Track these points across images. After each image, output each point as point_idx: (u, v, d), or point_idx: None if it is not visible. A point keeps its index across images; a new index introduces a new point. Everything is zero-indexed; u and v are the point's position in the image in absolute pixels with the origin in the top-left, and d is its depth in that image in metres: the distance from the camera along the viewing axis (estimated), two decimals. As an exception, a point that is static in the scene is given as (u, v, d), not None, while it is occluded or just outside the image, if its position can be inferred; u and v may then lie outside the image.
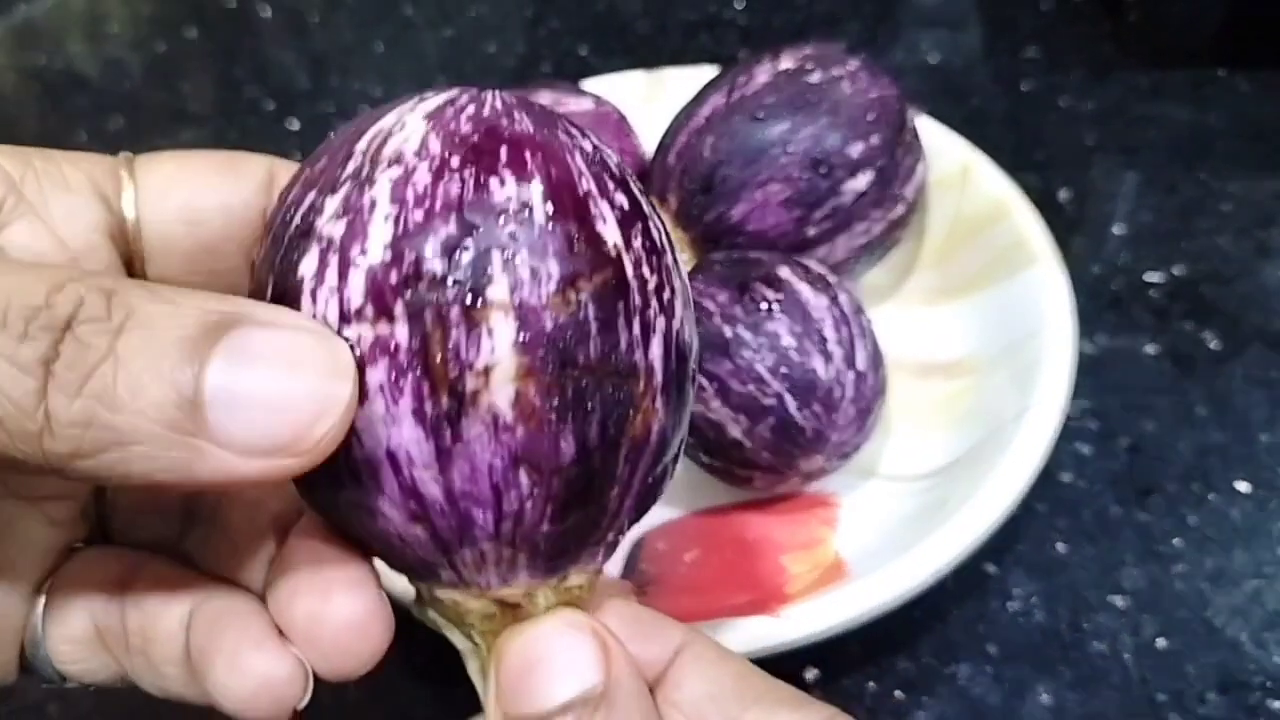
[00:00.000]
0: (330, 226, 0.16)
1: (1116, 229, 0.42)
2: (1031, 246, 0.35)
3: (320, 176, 0.17)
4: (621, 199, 0.17)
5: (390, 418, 0.15)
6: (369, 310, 0.15)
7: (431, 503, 0.16)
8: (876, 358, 0.31)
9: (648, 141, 0.37)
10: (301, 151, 0.52)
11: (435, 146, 0.16)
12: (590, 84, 0.42)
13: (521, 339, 0.15)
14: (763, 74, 0.34)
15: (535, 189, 0.16)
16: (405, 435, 0.15)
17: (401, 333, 0.15)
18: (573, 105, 0.37)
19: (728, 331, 0.30)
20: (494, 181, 0.15)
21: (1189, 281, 0.40)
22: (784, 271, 0.31)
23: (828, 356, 0.30)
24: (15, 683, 0.32)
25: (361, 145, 0.16)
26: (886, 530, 0.32)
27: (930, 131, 0.38)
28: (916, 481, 0.33)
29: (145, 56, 0.60)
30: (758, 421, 0.29)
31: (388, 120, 0.17)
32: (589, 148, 0.17)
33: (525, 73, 0.54)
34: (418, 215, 0.15)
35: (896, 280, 0.38)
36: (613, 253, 0.16)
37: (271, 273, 0.16)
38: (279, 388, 0.14)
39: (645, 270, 0.16)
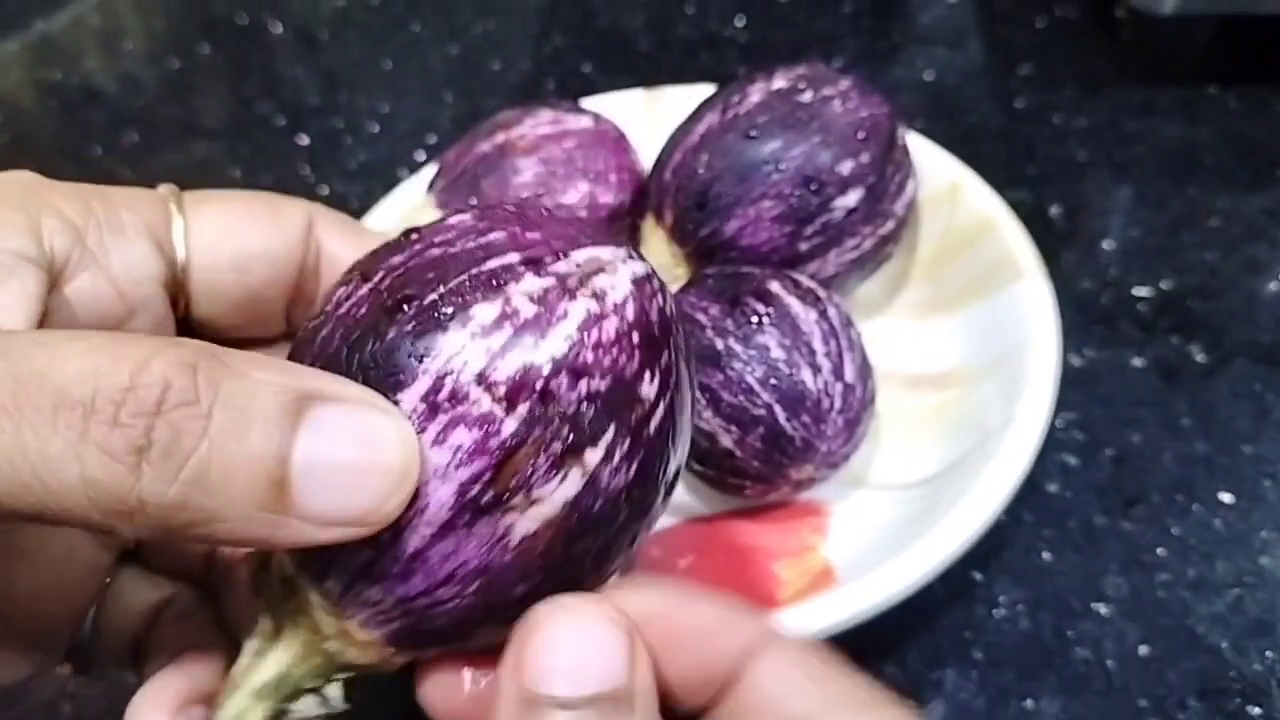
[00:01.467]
0: (516, 302, 0.17)
1: (1106, 244, 0.43)
2: (1019, 261, 0.36)
3: (450, 261, 0.17)
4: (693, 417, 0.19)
5: (442, 472, 0.16)
6: (503, 389, 0.16)
7: (399, 546, 0.16)
8: (865, 370, 0.32)
9: (647, 157, 0.38)
10: (311, 165, 0.53)
11: (630, 313, 0.17)
12: (591, 102, 0.43)
13: (574, 499, 0.17)
14: (756, 93, 0.35)
15: (660, 406, 0.18)
16: (440, 492, 0.16)
17: (510, 426, 0.16)
18: (572, 124, 0.38)
19: (719, 344, 0.31)
20: (645, 377, 0.17)
21: (1176, 295, 0.41)
22: (774, 286, 0.32)
23: (816, 368, 0.30)
24: (28, 683, 0.33)
25: (543, 257, 0.17)
26: (875, 538, 0.32)
27: (921, 149, 0.39)
28: (905, 490, 0.34)
29: (159, 72, 0.61)
30: (748, 431, 0.30)
31: (602, 254, 0.18)
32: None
33: (530, 89, 0.56)
34: (587, 356, 0.17)
35: (888, 294, 0.39)
36: (669, 483, 0.18)
37: (375, 338, 0.16)
38: (358, 466, 0.15)
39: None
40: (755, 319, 0.31)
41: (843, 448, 0.31)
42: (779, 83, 0.35)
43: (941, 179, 0.39)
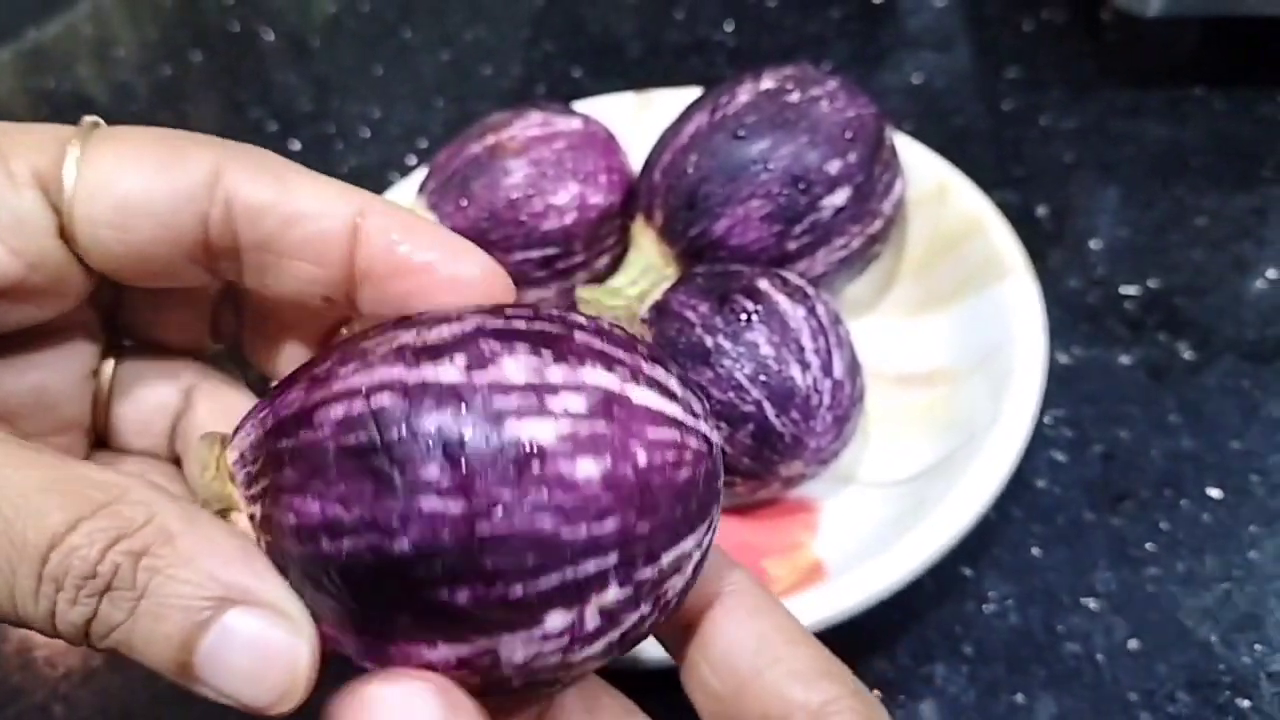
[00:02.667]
0: (587, 614, 0.17)
1: (1094, 243, 0.43)
2: (1006, 260, 0.36)
3: (548, 547, 0.16)
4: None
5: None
6: (528, 675, 0.17)
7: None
8: (854, 367, 0.32)
9: (637, 159, 0.39)
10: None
11: (669, 609, 0.18)
12: (581, 105, 0.43)
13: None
14: (744, 94, 0.35)
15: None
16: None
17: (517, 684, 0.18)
18: (562, 125, 0.38)
19: (708, 341, 0.31)
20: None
21: (1164, 294, 0.41)
22: (763, 284, 0.32)
23: (805, 365, 0.31)
24: (19, 684, 0.33)
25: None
26: (865, 534, 0.33)
27: (910, 150, 0.39)
28: (895, 487, 0.34)
29: (152, 79, 0.62)
30: (737, 428, 0.30)
31: (687, 546, 0.18)
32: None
33: (521, 94, 0.56)
34: (616, 651, 0.18)
35: (878, 293, 0.40)
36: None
37: (450, 588, 0.16)
38: (251, 671, 0.17)
39: None
40: (744, 316, 0.31)
41: (832, 444, 0.31)
42: (767, 83, 0.35)
43: (930, 180, 0.39)
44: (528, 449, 0.16)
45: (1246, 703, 0.30)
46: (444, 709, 0.16)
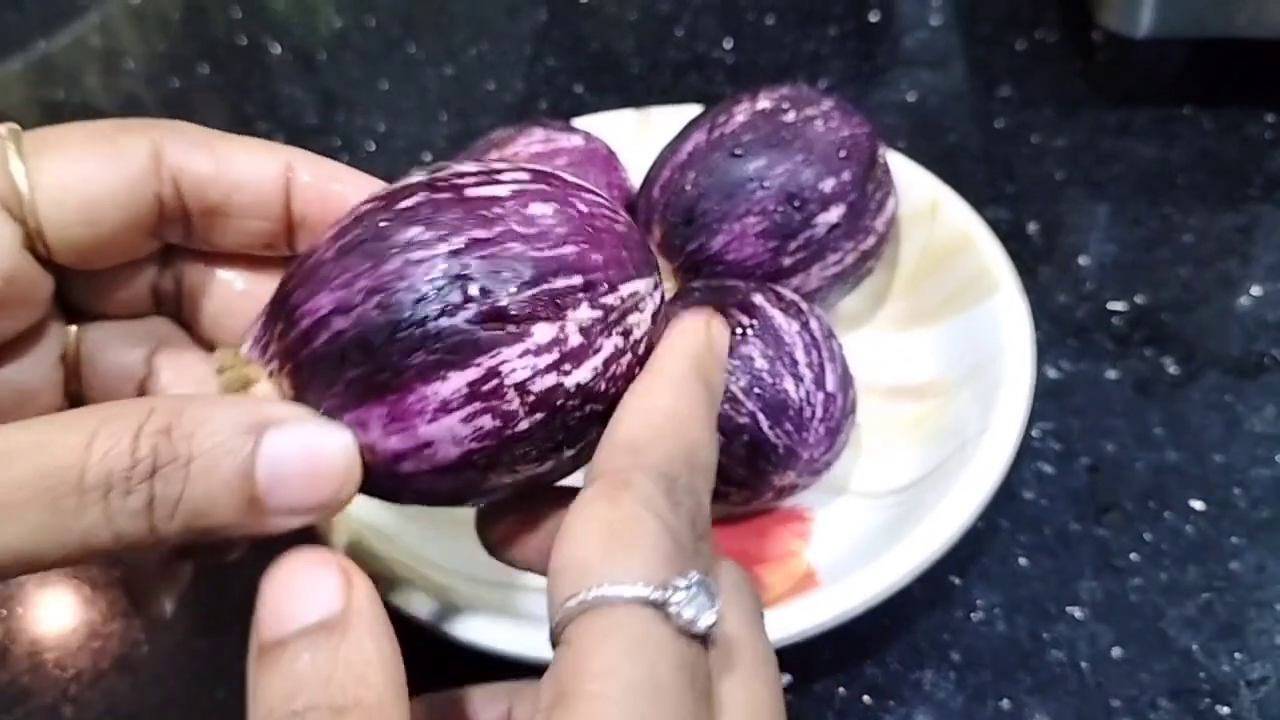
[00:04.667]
0: (569, 330, 0.20)
1: (1083, 259, 0.44)
2: (995, 276, 0.37)
3: (524, 262, 0.20)
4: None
5: (457, 440, 0.19)
6: (531, 398, 0.19)
7: (397, 468, 0.20)
8: (846, 380, 0.33)
9: (637, 175, 0.40)
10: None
11: (642, 350, 0.21)
12: (582, 121, 0.44)
13: (541, 475, 0.21)
14: (741, 113, 0.36)
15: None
16: (449, 452, 0.20)
17: (524, 425, 0.20)
18: (564, 142, 0.39)
19: (705, 354, 0.32)
20: None
21: (1150, 310, 0.42)
22: (758, 298, 0.33)
23: (798, 378, 0.31)
24: (28, 685, 0.34)
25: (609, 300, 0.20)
26: (856, 543, 0.33)
27: (902, 167, 0.40)
28: (885, 497, 0.35)
29: (159, 91, 0.63)
30: (732, 440, 0.31)
31: (641, 287, 0.21)
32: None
33: (523, 109, 0.57)
34: (601, 385, 0.20)
35: (870, 307, 0.40)
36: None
37: (445, 315, 0.19)
38: (308, 473, 0.19)
39: None
40: (739, 330, 0.32)
41: (824, 455, 0.32)
42: (763, 103, 0.36)
43: (922, 197, 0.40)
44: (490, 199, 0.20)
45: (1226, 709, 0.30)
46: (342, 577, 0.18)
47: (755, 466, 0.32)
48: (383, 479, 0.20)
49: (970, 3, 0.59)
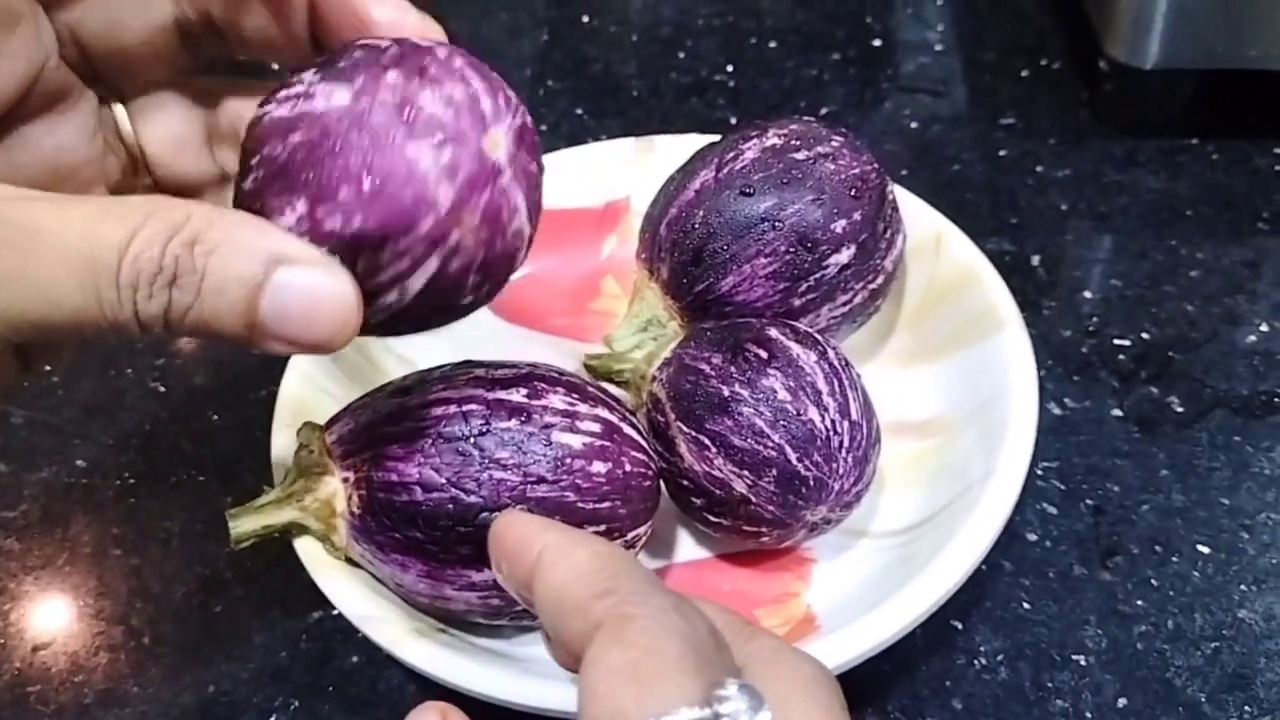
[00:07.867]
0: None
1: (1087, 293, 0.44)
2: (1000, 312, 0.36)
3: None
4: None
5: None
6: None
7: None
8: (868, 408, 0.32)
9: (636, 205, 0.39)
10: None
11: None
12: (583, 150, 0.44)
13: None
14: (750, 150, 0.36)
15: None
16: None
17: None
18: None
19: (725, 391, 0.31)
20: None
21: (1156, 346, 0.41)
22: (773, 332, 0.32)
23: (823, 408, 0.31)
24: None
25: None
26: (858, 586, 0.33)
27: (905, 200, 0.40)
28: (888, 538, 0.34)
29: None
30: (761, 475, 0.30)
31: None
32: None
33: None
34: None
35: (874, 343, 0.40)
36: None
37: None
38: (309, 315, 0.20)
39: None
40: (758, 364, 0.31)
41: (854, 487, 0.31)
42: (772, 139, 0.36)
43: (926, 230, 0.39)
44: (567, 453, 0.29)
45: (1235, 764, 0.30)
46: None
47: (786, 502, 0.31)
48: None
49: (974, 29, 0.58)
